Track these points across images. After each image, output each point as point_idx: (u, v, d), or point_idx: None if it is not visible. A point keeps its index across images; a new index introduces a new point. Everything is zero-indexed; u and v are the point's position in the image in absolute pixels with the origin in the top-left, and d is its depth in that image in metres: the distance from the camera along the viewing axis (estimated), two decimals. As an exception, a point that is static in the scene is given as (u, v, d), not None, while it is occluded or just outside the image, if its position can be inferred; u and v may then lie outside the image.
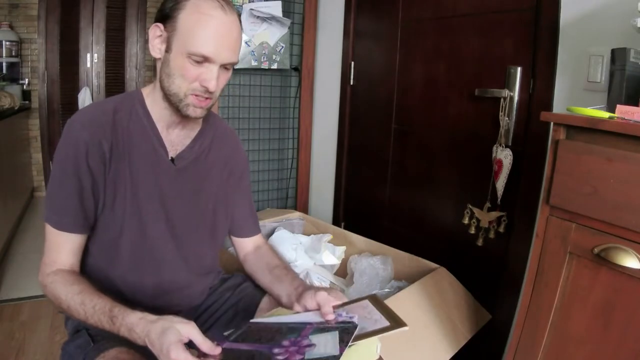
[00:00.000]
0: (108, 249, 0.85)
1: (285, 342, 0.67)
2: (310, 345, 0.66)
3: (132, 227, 0.85)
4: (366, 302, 0.77)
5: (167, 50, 0.78)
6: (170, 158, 0.88)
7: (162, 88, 0.81)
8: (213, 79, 0.77)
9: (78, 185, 0.79)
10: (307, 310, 0.78)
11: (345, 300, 0.78)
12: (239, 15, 0.84)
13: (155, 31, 0.80)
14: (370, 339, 0.67)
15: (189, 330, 0.65)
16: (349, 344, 0.65)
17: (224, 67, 0.79)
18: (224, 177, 0.97)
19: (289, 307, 0.84)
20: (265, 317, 0.79)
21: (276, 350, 0.65)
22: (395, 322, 0.69)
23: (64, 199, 0.80)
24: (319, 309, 0.75)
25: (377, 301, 0.76)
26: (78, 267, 0.84)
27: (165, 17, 0.78)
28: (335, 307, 0.75)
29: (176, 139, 0.89)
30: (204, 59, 0.76)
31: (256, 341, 0.68)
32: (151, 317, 0.68)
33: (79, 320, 0.76)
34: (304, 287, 0.84)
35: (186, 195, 0.90)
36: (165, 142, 0.87)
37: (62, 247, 0.81)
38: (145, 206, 0.85)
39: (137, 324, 0.68)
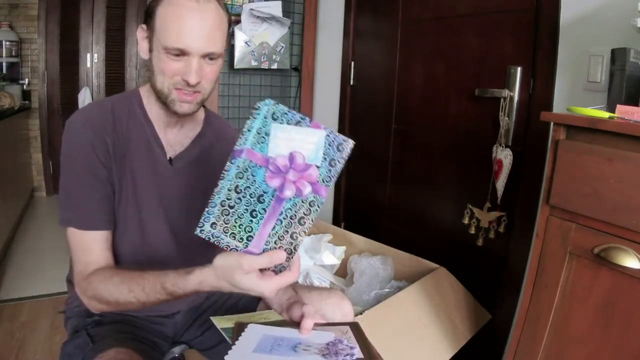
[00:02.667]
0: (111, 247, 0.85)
1: None
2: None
3: (133, 226, 0.85)
4: (347, 328, 0.75)
5: (151, 49, 0.78)
6: (168, 158, 0.87)
7: (152, 87, 0.81)
8: (192, 71, 0.75)
9: (95, 180, 0.78)
10: (292, 319, 0.77)
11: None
12: (227, 8, 0.82)
13: (141, 32, 0.80)
14: None
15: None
16: None
17: (208, 57, 0.77)
18: None
19: (280, 314, 0.83)
20: (258, 319, 0.79)
21: None
22: (370, 356, 0.67)
23: (83, 196, 0.78)
24: (299, 321, 0.73)
25: (359, 331, 0.74)
26: (112, 262, 0.81)
27: (147, 16, 0.78)
28: (316, 325, 0.73)
29: (174, 139, 0.88)
30: (181, 52, 0.75)
31: None
32: (205, 268, 0.66)
33: (131, 309, 0.73)
34: (295, 300, 0.83)
35: (184, 195, 0.90)
36: (163, 142, 0.87)
37: (92, 248, 0.78)
38: (145, 206, 0.85)
39: (200, 283, 0.66)
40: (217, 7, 0.77)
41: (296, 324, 0.73)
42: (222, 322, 0.74)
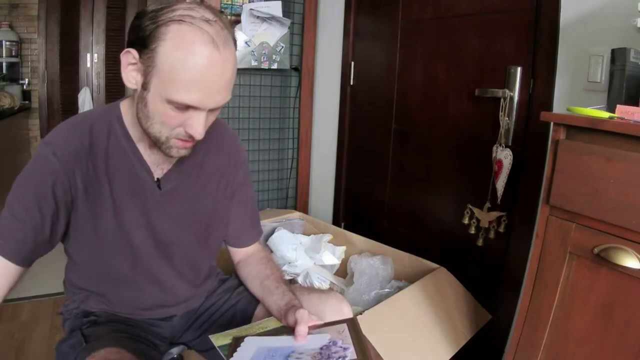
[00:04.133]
0: (102, 276, 0.83)
1: None
2: None
3: (124, 255, 0.81)
4: (344, 326, 0.75)
5: (144, 87, 0.66)
6: (156, 179, 0.81)
7: (140, 124, 0.72)
8: (200, 126, 0.67)
9: (37, 214, 0.71)
10: (289, 325, 0.76)
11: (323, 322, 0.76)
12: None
13: (128, 58, 0.67)
14: None
15: None
16: None
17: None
18: (220, 189, 0.91)
19: (279, 319, 0.82)
20: (257, 330, 0.79)
21: None
22: (364, 356, 0.67)
23: (16, 223, 0.71)
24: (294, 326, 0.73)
25: (355, 327, 0.74)
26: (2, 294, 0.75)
27: (141, 43, 0.65)
28: (312, 328, 0.74)
29: (161, 158, 0.80)
30: (188, 107, 0.65)
31: None
32: None
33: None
34: (291, 304, 0.81)
35: (176, 217, 0.85)
36: (149, 163, 0.79)
37: None
38: (133, 234, 0.80)
39: None
40: (233, 49, 0.67)
41: (293, 330, 0.73)
42: (219, 340, 0.74)
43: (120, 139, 0.77)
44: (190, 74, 0.63)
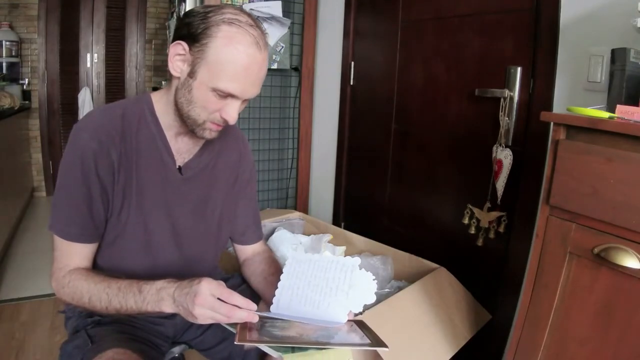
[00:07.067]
0: (112, 257, 0.85)
1: None
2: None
3: (138, 235, 0.84)
4: (351, 322, 0.77)
5: (191, 75, 0.75)
6: (177, 167, 0.87)
7: (179, 108, 0.80)
8: (235, 113, 0.78)
9: (87, 194, 0.78)
10: None
11: None
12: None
13: (177, 49, 0.76)
14: (344, 349, 0.66)
15: (220, 283, 0.69)
16: (323, 347, 0.64)
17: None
18: (230, 184, 0.97)
19: None
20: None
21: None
22: (377, 341, 0.68)
23: (72, 208, 0.78)
24: None
25: (363, 325, 0.76)
26: (90, 267, 0.84)
27: (192, 38, 0.74)
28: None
29: (184, 147, 0.87)
30: (229, 95, 0.75)
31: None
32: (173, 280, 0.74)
33: (97, 310, 0.76)
34: None
35: (192, 204, 0.90)
36: (173, 150, 0.86)
37: (73, 254, 0.80)
38: (150, 215, 0.84)
39: (167, 284, 0.72)
40: (267, 52, 0.78)
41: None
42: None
43: (150, 126, 0.83)
44: (236, 68, 0.73)
